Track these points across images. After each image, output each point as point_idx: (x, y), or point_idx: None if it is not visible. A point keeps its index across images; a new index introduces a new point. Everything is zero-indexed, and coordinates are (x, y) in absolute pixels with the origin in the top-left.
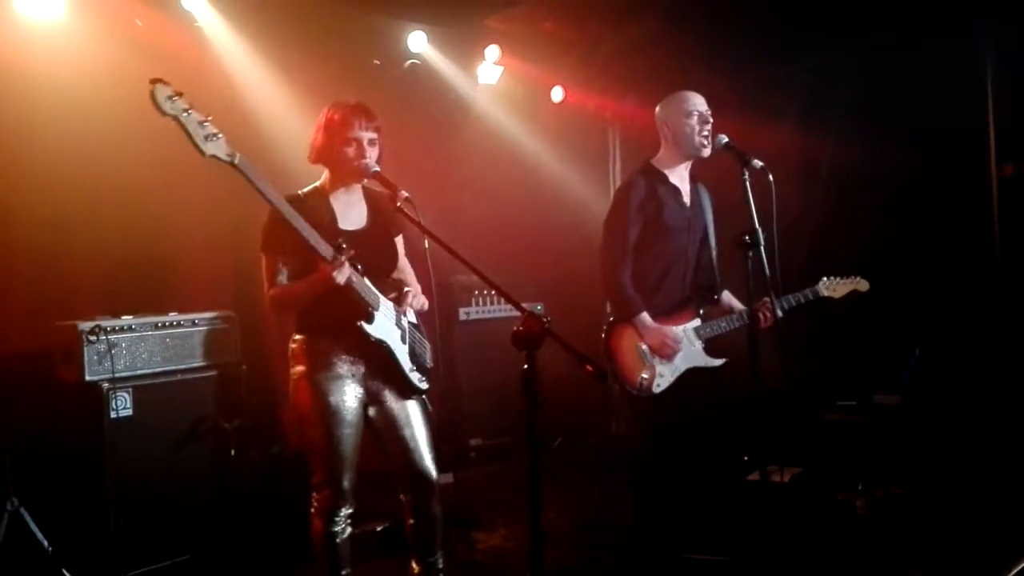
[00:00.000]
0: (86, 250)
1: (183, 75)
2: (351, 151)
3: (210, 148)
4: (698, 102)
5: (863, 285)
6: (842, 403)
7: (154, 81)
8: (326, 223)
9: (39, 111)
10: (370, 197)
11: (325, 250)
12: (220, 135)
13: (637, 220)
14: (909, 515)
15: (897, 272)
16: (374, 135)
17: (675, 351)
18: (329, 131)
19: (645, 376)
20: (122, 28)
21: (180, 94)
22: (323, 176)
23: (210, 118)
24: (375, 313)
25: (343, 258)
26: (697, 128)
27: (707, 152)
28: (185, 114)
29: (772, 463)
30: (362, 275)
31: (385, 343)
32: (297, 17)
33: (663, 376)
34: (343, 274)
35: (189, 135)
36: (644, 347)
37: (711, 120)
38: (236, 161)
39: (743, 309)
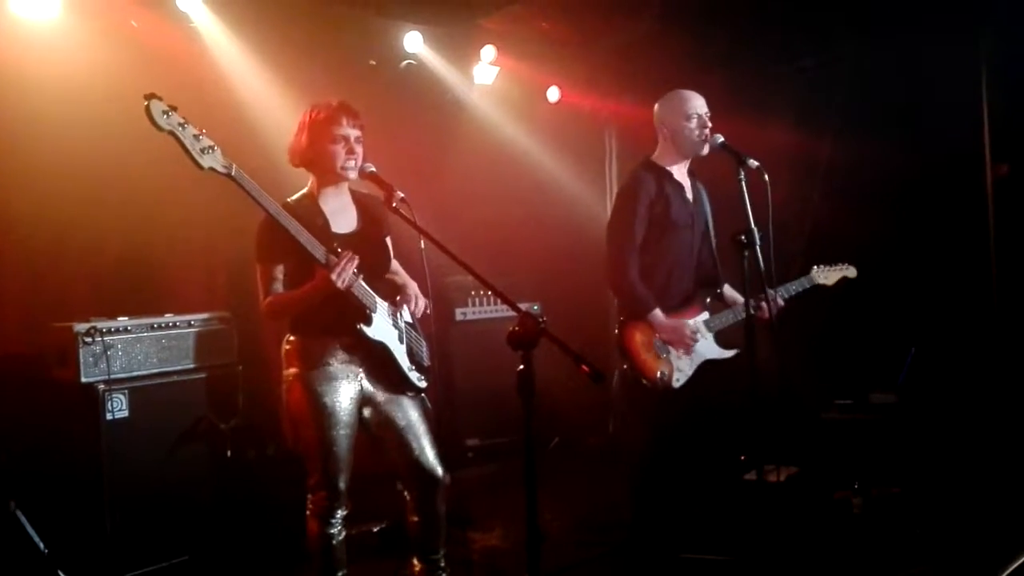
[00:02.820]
0: (82, 251)
1: (178, 76)
2: (339, 149)
3: (207, 161)
4: (698, 104)
5: (851, 272)
6: (839, 402)
7: (148, 96)
8: (318, 228)
9: (34, 112)
10: (359, 200)
11: (323, 255)
12: (215, 147)
13: (646, 218)
14: (906, 514)
15: (893, 270)
16: (359, 133)
17: (694, 341)
18: (313, 131)
19: (665, 371)
20: (117, 29)
21: (174, 108)
22: (309, 182)
23: (204, 131)
24: (372, 315)
25: (343, 262)
26: (696, 130)
27: (704, 151)
28: (181, 128)
29: (769, 462)
30: (358, 277)
31: (384, 344)
32: (292, 17)
33: (681, 370)
34: (344, 278)
35: (186, 149)
36: (660, 343)
37: (709, 123)
38: (232, 172)
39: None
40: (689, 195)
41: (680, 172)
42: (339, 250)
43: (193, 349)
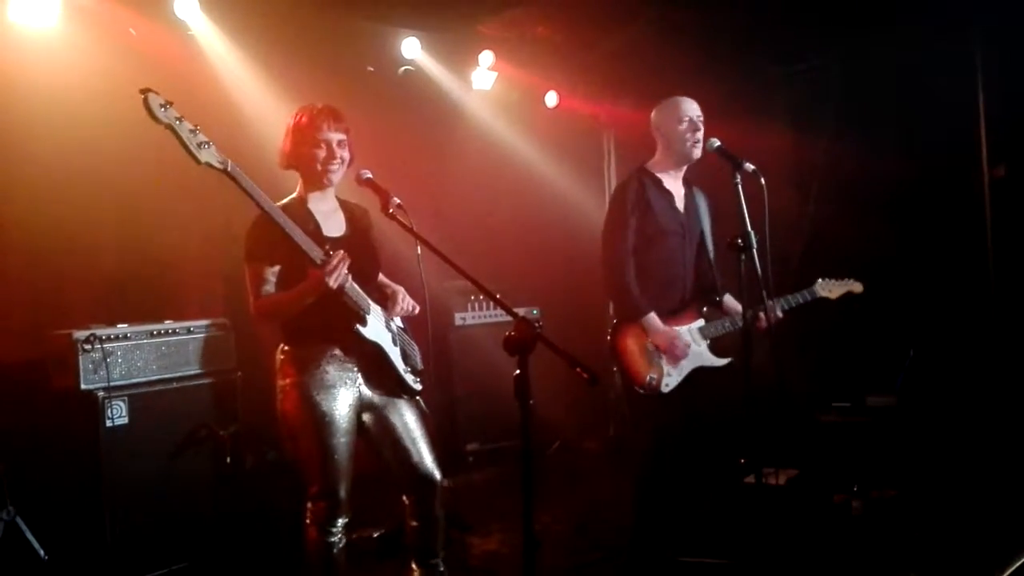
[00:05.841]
0: (81, 258)
1: (177, 84)
2: (321, 153)
3: (204, 155)
4: (689, 108)
5: (857, 287)
6: (837, 405)
7: (145, 91)
8: (310, 230)
9: (33, 120)
10: (346, 208)
11: (317, 255)
12: (211, 143)
13: (633, 221)
14: (904, 516)
15: (890, 273)
16: (343, 136)
17: (685, 353)
18: (297, 135)
19: (654, 376)
20: (116, 37)
21: (171, 103)
22: (298, 186)
23: (199, 127)
24: (367, 316)
25: (336, 261)
26: (687, 134)
27: (697, 155)
28: (178, 122)
29: (768, 465)
30: (349, 279)
31: (379, 345)
32: (290, 24)
33: (671, 376)
34: (337, 277)
35: (183, 143)
36: (652, 347)
37: (701, 127)
38: (228, 168)
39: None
40: (680, 204)
41: (672, 180)
42: (331, 251)
43: (192, 356)
